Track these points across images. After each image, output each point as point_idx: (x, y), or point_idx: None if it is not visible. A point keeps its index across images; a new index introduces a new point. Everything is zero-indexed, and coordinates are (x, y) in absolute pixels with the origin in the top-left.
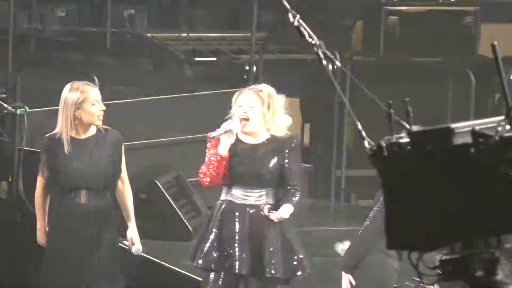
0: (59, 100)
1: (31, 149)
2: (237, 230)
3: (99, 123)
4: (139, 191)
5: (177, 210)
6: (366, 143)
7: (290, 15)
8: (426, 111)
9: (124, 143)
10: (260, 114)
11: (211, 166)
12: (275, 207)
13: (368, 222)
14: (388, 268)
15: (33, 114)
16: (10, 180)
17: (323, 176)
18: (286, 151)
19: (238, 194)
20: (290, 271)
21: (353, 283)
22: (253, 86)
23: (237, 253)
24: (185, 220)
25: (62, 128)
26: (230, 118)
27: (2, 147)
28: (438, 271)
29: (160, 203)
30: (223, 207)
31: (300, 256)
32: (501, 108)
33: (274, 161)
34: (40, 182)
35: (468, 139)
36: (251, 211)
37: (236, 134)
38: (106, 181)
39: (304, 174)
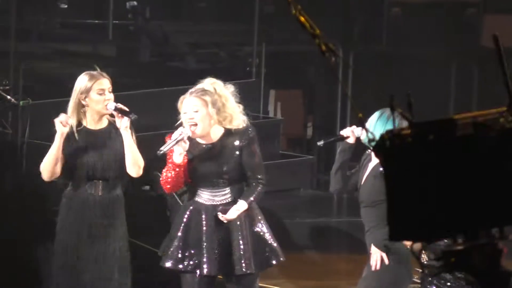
0: (62, 91)
1: (34, 141)
2: (204, 232)
3: (105, 111)
4: (142, 183)
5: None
6: (368, 135)
7: (291, 6)
8: (428, 103)
9: None
10: (206, 116)
11: (169, 174)
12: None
13: None
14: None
15: (36, 106)
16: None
17: (325, 167)
18: (243, 143)
19: (203, 195)
20: (263, 263)
21: (386, 262)
22: (195, 88)
23: (205, 255)
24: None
25: (72, 114)
26: (181, 124)
27: (5, 139)
28: (441, 262)
29: (163, 194)
30: (190, 208)
31: (273, 244)
32: (504, 99)
33: (231, 157)
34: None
35: (471, 131)
36: (217, 211)
37: (190, 138)
38: (117, 172)
39: (307, 166)
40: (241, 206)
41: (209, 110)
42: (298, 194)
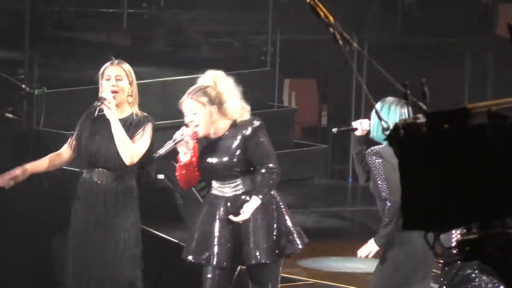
0: (77, 81)
1: (49, 129)
2: (216, 224)
3: (113, 99)
4: (157, 172)
5: (194, 191)
6: (383, 124)
7: None
8: (443, 92)
9: None
10: (206, 116)
11: (182, 172)
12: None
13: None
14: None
15: (50, 95)
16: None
17: (340, 157)
18: (247, 134)
19: (215, 188)
20: (278, 253)
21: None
22: (193, 88)
23: (215, 246)
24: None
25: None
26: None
27: (20, 128)
28: (455, 251)
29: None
30: (206, 200)
31: (292, 232)
32: None
33: (239, 149)
34: (63, 148)
35: (485, 120)
36: (229, 204)
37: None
38: (123, 163)
39: (322, 155)
40: (254, 203)
41: (208, 110)
42: (313, 183)
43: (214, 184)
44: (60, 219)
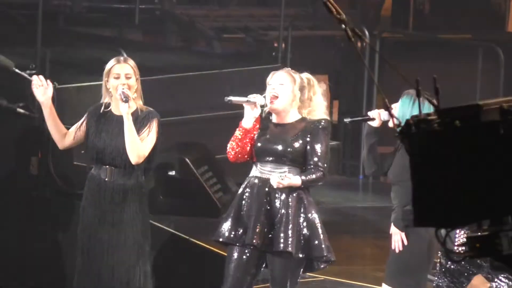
0: (88, 76)
1: None
2: (254, 205)
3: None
4: (168, 168)
5: (206, 187)
6: (394, 120)
7: None
8: (455, 88)
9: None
10: (290, 93)
11: (236, 140)
12: (298, 187)
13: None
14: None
15: (62, 90)
16: (40, 156)
17: (351, 153)
18: (312, 131)
19: (262, 170)
20: (307, 252)
21: (405, 242)
22: (290, 68)
23: (251, 226)
24: (213, 197)
25: (103, 97)
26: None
27: (31, 123)
28: (465, 248)
29: (189, 180)
30: (246, 183)
31: (322, 239)
32: None
33: (299, 141)
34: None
35: (497, 117)
36: (270, 188)
37: (266, 112)
38: (128, 159)
39: (333, 151)
40: (294, 179)
41: (294, 89)
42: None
43: (260, 167)
44: (68, 216)
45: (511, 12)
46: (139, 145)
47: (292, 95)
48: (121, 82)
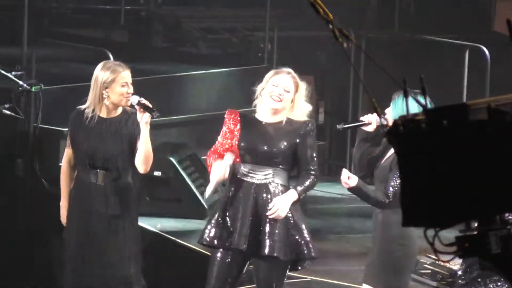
0: (74, 77)
1: (46, 126)
2: (240, 208)
3: (126, 104)
4: (154, 168)
5: (192, 188)
6: (382, 120)
7: None
8: (441, 88)
9: None
10: (291, 99)
11: (220, 139)
12: (284, 188)
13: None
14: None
15: (48, 91)
16: (25, 158)
17: (337, 153)
18: (301, 133)
19: (245, 171)
20: (294, 254)
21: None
22: (286, 69)
23: (237, 229)
24: (200, 198)
25: (90, 104)
26: (258, 95)
27: (17, 125)
28: (454, 248)
29: (175, 181)
30: (231, 185)
31: (307, 239)
32: None
33: (285, 142)
34: (66, 154)
35: (485, 116)
36: (256, 189)
37: (246, 115)
38: (122, 162)
39: (319, 152)
40: (292, 196)
41: (294, 96)
42: None
43: (245, 168)
44: (55, 218)
45: (497, 11)
46: (151, 155)
47: (291, 102)
48: (130, 91)
